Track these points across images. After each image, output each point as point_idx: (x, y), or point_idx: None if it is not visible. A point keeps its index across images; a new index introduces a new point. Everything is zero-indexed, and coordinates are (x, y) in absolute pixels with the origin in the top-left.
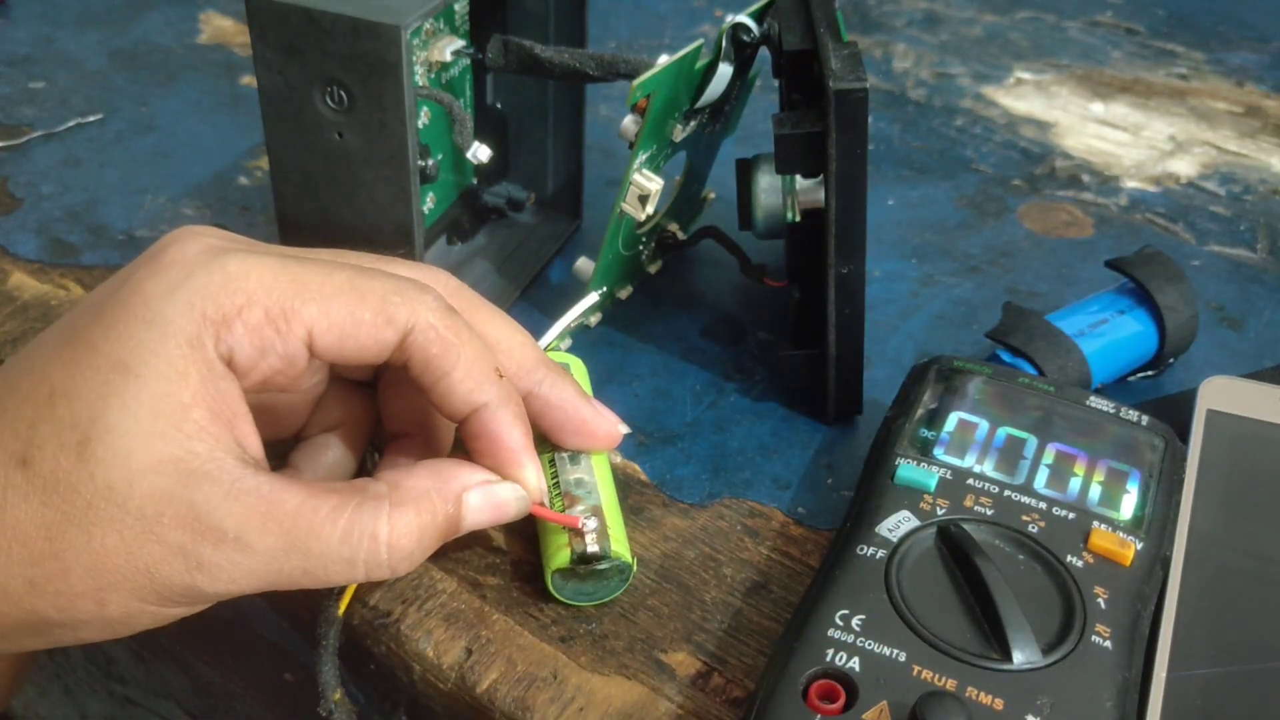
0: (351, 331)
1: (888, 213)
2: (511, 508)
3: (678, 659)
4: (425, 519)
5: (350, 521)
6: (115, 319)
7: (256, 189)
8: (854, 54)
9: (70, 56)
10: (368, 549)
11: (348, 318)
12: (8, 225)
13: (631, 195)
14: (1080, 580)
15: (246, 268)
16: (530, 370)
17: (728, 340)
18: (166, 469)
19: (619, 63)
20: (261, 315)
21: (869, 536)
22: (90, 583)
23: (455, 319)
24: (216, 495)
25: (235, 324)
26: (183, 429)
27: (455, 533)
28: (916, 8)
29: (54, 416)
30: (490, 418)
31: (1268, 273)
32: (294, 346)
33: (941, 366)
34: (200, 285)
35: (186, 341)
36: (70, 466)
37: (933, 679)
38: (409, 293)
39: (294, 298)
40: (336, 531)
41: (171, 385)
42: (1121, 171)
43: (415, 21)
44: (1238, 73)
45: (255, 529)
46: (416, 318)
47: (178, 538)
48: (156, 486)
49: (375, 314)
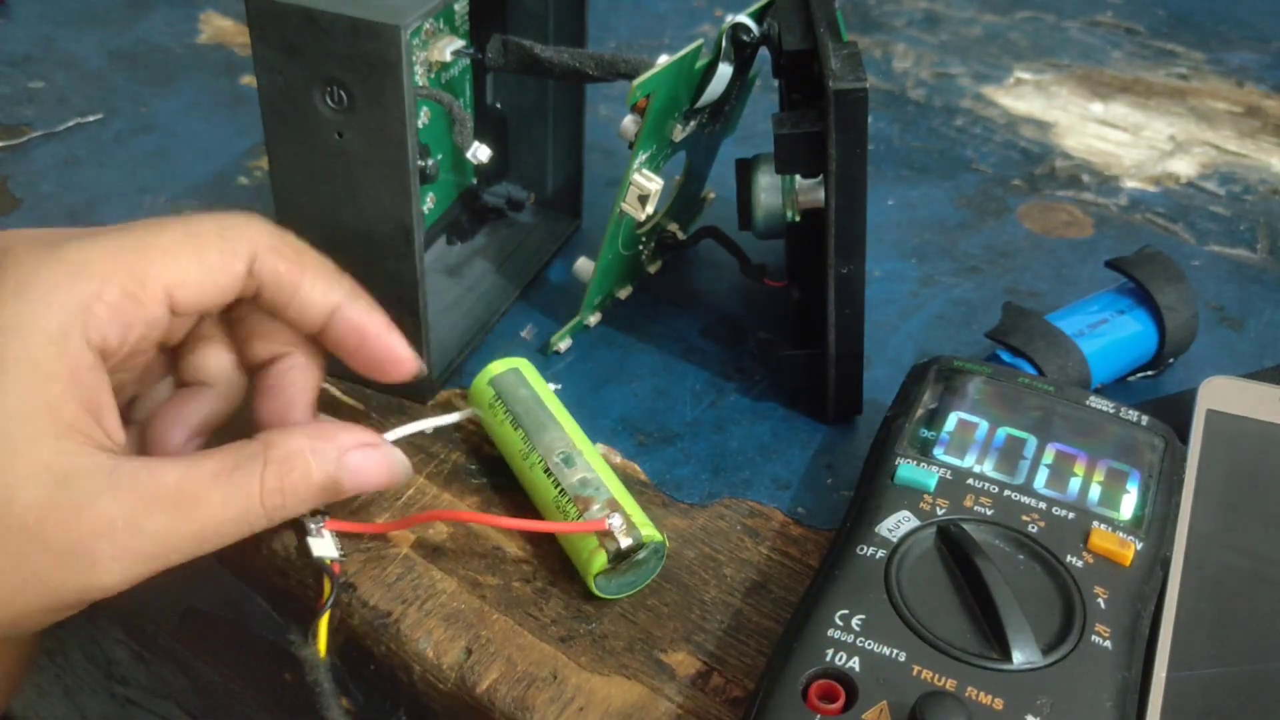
0: (205, 276)
1: (888, 213)
2: (397, 468)
3: (678, 659)
4: (297, 476)
5: (231, 484)
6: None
7: (256, 189)
8: (854, 54)
9: (70, 56)
10: (247, 505)
11: (197, 265)
12: (8, 225)
13: (631, 195)
14: (1080, 580)
15: (83, 252)
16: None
17: (728, 340)
18: (42, 476)
19: (619, 63)
20: (118, 291)
21: (869, 536)
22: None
23: (287, 235)
24: (96, 490)
25: (97, 308)
26: (52, 431)
27: (338, 493)
28: (916, 8)
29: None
30: (351, 311)
31: (1268, 273)
32: (156, 310)
33: (941, 366)
34: (48, 281)
35: (49, 339)
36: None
37: (933, 679)
38: (239, 224)
39: (142, 264)
40: (219, 496)
41: (38, 387)
42: (1121, 171)
43: (415, 21)
44: (1238, 73)
45: (142, 513)
46: (256, 243)
47: (64, 541)
48: (34, 496)
49: (219, 252)
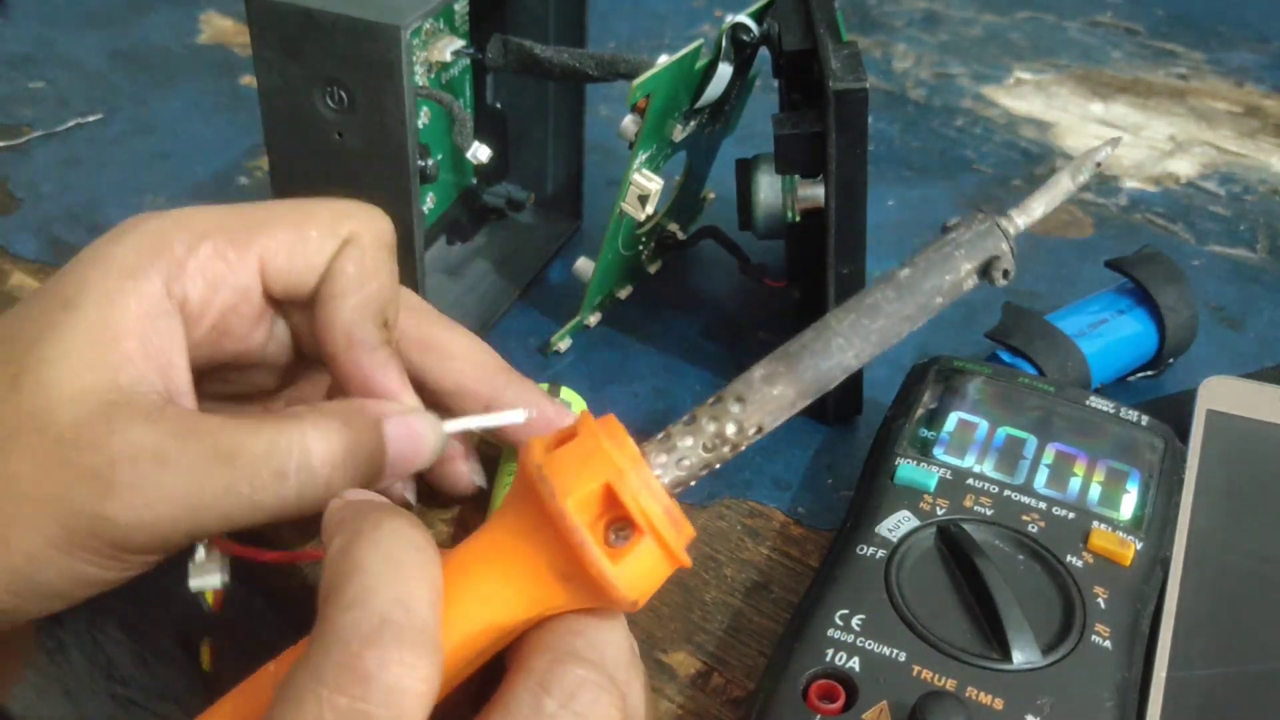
0: (300, 251)
1: (888, 213)
2: (428, 440)
3: (678, 659)
4: (351, 435)
5: (275, 431)
6: (70, 269)
7: (256, 189)
8: (854, 54)
9: (70, 56)
10: (298, 458)
11: (295, 237)
12: (8, 225)
13: (631, 195)
14: (1080, 580)
15: (198, 211)
16: (492, 375)
17: (728, 340)
18: (89, 397)
19: (619, 63)
20: (211, 249)
21: (869, 536)
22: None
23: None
24: (136, 418)
25: (186, 261)
26: (110, 359)
27: (379, 468)
28: (916, 8)
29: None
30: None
31: (1268, 273)
32: (246, 276)
33: (941, 366)
34: (151, 228)
35: (127, 274)
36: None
37: (933, 679)
38: (354, 211)
39: (243, 230)
40: (261, 441)
41: (106, 314)
42: (1121, 171)
43: (415, 21)
44: (1238, 73)
45: (175, 444)
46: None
47: (91, 461)
48: (76, 414)
49: (321, 231)
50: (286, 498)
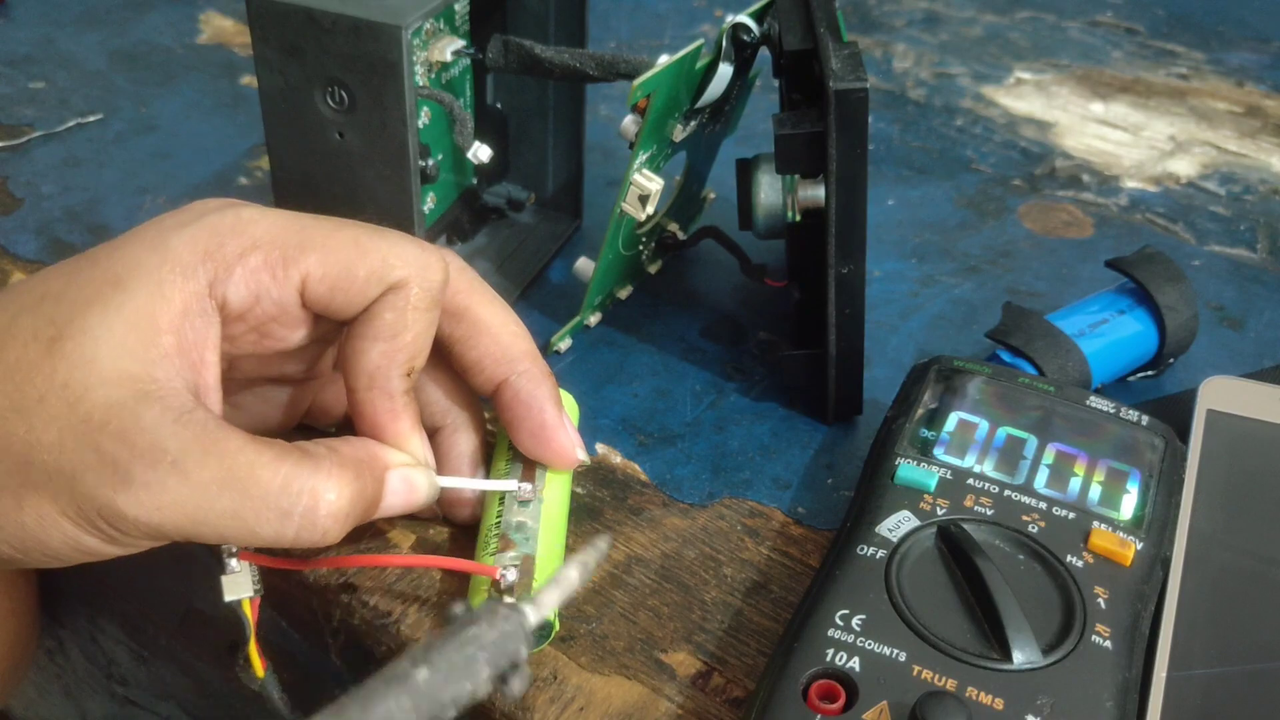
0: (342, 285)
1: (888, 213)
2: (421, 493)
3: (678, 659)
4: (358, 487)
5: (292, 472)
6: (126, 243)
7: (256, 189)
8: (854, 54)
9: (70, 56)
10: (306, 504)
11: (343, 271)
12: (8, 225)
13: (631, 195)
14: (1080, 580)
15: (258, 216)
16: (514, 359)
17: (728, 340)
18: (124, 382)
19: (619, 63)
20: (261, 260)
21: (869, 536)
22: (13, 478)
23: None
24: (166, 418)
25: (235, 266)
26: (149, 350)
27: (373, 513)
28: (916, 8)
29: (37, 312)
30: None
31: (1268, 273)
32: (287, 293)
33: (941, 366)
34: (210, 224)
35: (181, 269)
36: (35, 359)
37: (933, 679)
38: (412, 257)
39: (296, 247)
40: (278, 479)
41: (154, 304)
42: (1121, 171)
43: (416, 21)
44: (1238, 73)
45: (196, 457)
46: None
47: (115, 450)
48: (110, 397)
49: (371, 270)
50: (283, 536)
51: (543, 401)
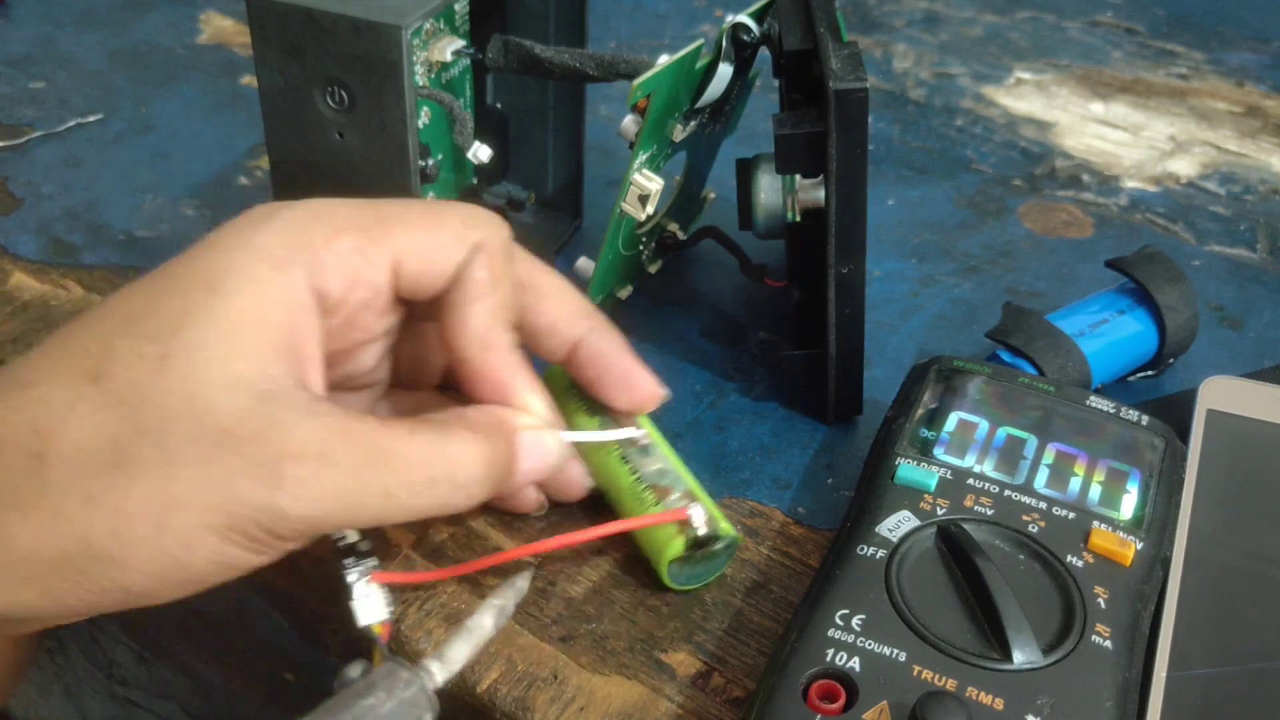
0: (432, 256)
1: (888, 213)
2: (553, 454)
3: (678, 659)
4: (490, 450)
5: (429, 440)
6: (206, 250)
7: (256, 189)
8: (854, 54)
9: (70, 56)
10: (446, 469)
11: (430, 242)
12: (8, 225)
13: (631, 195)
14: (1080, 580)
15: (329, 204)
16: (579, 318)
17: (728, 340)
18: (245, 387)
19: (619, 63)
20: (350, 244)
21: (869, 536)
22: (153, 500)
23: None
24: (297, 413)
25: (325, 254)
26: (259, 350)
27: (510, 477)
28: (916, 8)
29: (133, 333)
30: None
31: (1268, 273)
32: (380, 274)
33: (941, 366)
34: (289, 217)
35: (277, 265)
36: (146, 379)
37: (933, 679)
38: (481, 218)
39: (378, 226)
40: (417, 447)
41: (257, 305)
42: (1121, 171)
43: (416, 21)
44: (1238, 73)
45: (339, 444)
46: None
47: (259, 453)
48: (236, 403)
49: (453, 236)
50: (433, 504)
51: (621, 351)
